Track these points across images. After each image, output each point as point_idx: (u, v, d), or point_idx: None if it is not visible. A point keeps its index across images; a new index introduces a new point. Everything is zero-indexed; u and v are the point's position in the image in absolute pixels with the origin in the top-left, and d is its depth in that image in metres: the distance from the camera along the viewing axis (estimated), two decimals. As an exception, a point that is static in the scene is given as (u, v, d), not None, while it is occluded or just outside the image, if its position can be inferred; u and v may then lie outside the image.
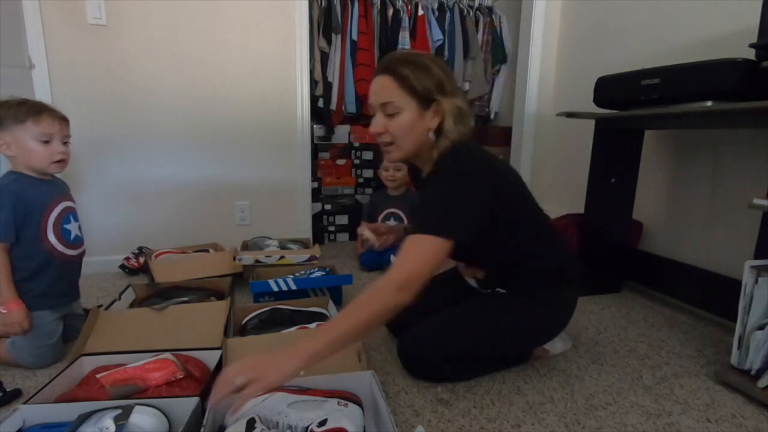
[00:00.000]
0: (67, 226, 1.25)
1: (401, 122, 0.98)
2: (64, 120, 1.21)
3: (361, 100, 2.70)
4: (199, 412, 0.87)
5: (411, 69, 0.96)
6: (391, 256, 2.01)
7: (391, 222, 2.11)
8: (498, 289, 1.17)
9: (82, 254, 1.32)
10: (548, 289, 1.14)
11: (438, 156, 1.01)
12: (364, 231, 1.29)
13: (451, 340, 1.10)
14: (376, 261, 2.07)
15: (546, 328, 1.18)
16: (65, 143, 1.21)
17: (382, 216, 2.12)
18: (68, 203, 1.27)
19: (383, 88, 0.98)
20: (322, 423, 0.80)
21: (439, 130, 1.00)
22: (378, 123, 1.00)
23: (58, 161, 1.19)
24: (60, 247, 1.22)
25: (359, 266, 2.12)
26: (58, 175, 1.27)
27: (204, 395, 0.89)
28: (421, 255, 0.91)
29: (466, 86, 2.93)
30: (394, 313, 0.88)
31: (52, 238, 1.20)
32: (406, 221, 2.11)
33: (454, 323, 1.12)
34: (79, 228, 1.30)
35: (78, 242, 1.29)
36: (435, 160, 1.01)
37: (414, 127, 0.99)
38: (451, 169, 0.97)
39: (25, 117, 1.13)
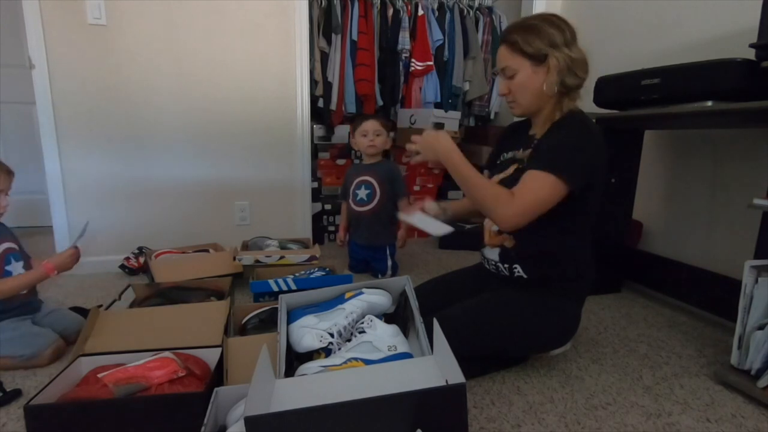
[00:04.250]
0: (8, 267, 1.26)
1: (517, 82, 1.10)
2: (10, 173, 1.25)
3: (361, 100, 2.70)
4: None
5: (519, 34, 1.07)
6: (388, 263, 2.01)
7: (362, 191, 2.00)
8: (516, 267, 1.16)
9: (31, 291, 1.33)
10: (562, 285, 1.15)
11: (559, 117, 1.09)
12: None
13: (461, 341, 1.10)
14: (363, 265, 2.07)
15: (555, 336, 1.19)
16: (6, 194, 1.25)
17: (353, 185, 2.01)
18: (8, 244, 1.28)
19: (500, 56, 1.13)
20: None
21: (560, 84, 1.07)
22: (501, 85, 1.14)
23: None
24: None
25: (348, 267, 2.10)
26: None
27: (209, 390, 0.89)
28: (543, 190, 1.01)
29: (466, 86, 2.93)
30: (491, 216, 1.06)
31: None
32: (377, 188, 1.98)
33: (465, 325, 1.12)
34: (24, 266, 1.31)
35: None
36: (555, 121, 1.09)
37: (529, 84, 1.09)
38: (576, 125, 1.07)
39: None
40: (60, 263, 1.29)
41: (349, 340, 1.06)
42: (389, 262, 2.00)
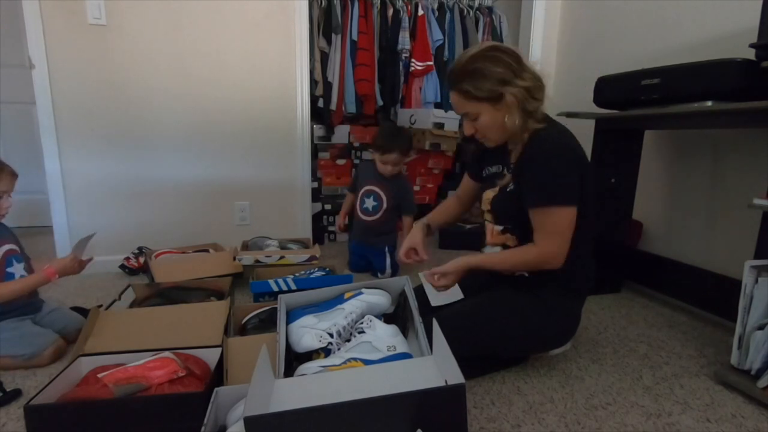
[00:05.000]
0: (10, 270, 1.26)
1: (482, 123, 1.12)
2: (14, 175, 1.26)
3: (361, 100, 2.70)
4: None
5: (469, 81, 1.07)
6: (387, 260, 2.02)
7: (370, 201, 2.01)
8: None
9: (32, 292, 1.33)
10: (562, 285, 1.15)
11: (529, 137, 1.10)
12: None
13: (460, 341, 1.10)
14: (364, 263, 2.07)
15: (555, 336, 1.19)
16: (9, 196, 1.26)
17: (363, 190, 2.02)
18: (9, 246, 1.28)
19: (457, 103, 1.13)
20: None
21: (522, 111, 1.09)
22: (467, 127, 1.16)
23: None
24: None
25: (348, 267, 2.11)
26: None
27: (209, 390, 0.89)
28: (559, 223, 1.06)
29: (466, 86, 2.93)
30: (541, 270, 1.11)
31: None
32: (385, 203, 2.01)
33: (464, 325, 1.12)
34: (26, 267, 1.31)
35: None
36: (526, 141, 1.11)
37: (494, 122, 1.10)
38: (547, 148, 1.08)
39: None
40: (61, 268, 1.29)
41: (348, 340, 1.06)
42: (388, 260, 2.01)
